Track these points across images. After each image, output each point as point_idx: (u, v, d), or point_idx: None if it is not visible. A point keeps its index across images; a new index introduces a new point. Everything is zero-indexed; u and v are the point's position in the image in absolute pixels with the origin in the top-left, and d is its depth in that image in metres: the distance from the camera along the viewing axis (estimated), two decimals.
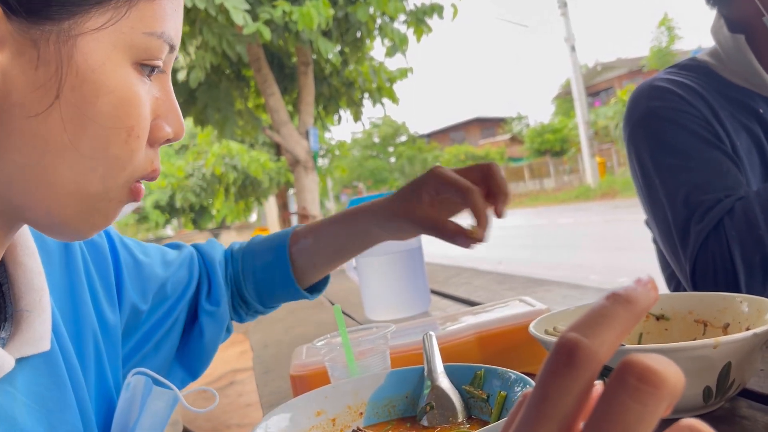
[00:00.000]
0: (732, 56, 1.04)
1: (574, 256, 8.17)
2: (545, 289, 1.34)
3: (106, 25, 0.43)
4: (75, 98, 0.43)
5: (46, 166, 0.43)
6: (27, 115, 0.42)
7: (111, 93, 0.44)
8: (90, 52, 0.43)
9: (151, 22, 0.45)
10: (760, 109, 1.01)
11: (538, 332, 0.66)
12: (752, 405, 0.61)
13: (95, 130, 0.44)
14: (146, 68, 0.47)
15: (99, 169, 0.45)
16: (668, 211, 0.97)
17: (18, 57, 0.41)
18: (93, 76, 0.43)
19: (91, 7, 0.42)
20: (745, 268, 0.89)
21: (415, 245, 1.33)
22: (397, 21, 5.74)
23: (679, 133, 0.99)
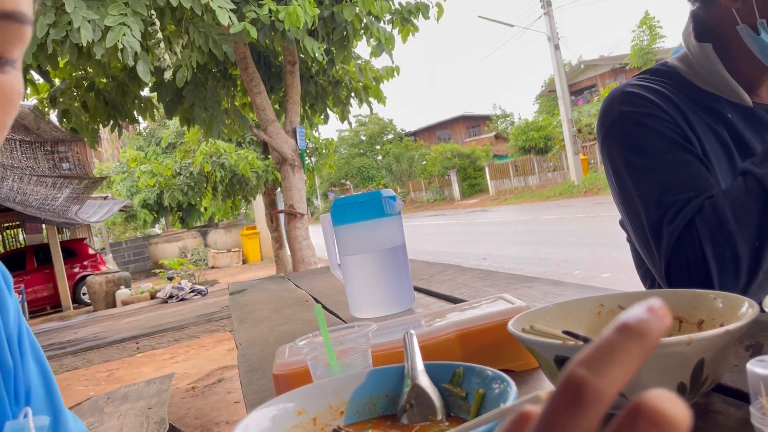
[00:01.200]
0: (700, 63, 1.07)
1: (559, 252, 8.23)
2: (527, 286, 1.36)
3: None
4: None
5: None
6: None
7: None
8: None
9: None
10: (728, 114, 1.04)
11: (516, 330, 0.67)
12: (726, 400, 0.62)
13: None
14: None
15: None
16: (642, 211, 0.99)
17: None
18: None
19: None
20: (717, 265, 0.90)
21: (399, 243, 1.33)
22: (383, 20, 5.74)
23: (650, 137, 1.01)
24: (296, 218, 5.83)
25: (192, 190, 12.18)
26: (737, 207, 0.90)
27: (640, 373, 0.58)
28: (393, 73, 6.48)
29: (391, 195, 1.33)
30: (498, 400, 0.56)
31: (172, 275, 11.62)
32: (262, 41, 4.94)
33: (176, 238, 15.97)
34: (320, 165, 10.24)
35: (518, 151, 29.28)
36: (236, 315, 1.73)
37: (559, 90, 20.29)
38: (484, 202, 26.40)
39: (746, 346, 0.75)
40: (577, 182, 20.40)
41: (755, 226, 0.89)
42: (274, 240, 10.69)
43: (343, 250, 1.35)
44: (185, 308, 8.87)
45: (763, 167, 0.90)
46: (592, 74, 29.63)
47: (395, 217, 1.33)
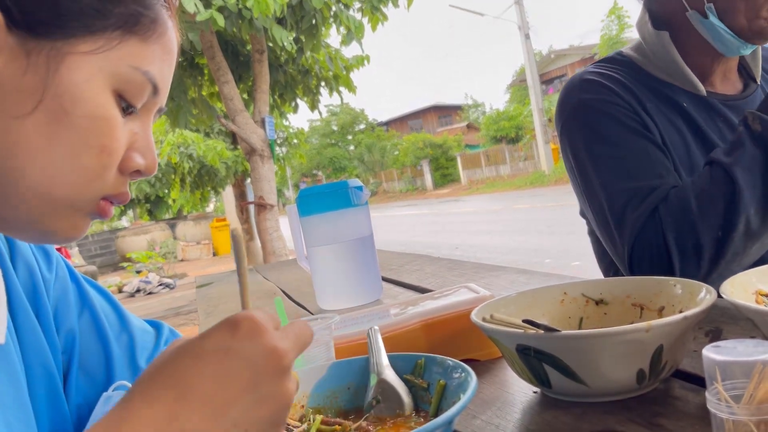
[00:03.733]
0: (656, 52, 1.08)
1: (530, 241, 8.32)
2: (494, 275, 1.36)
3: (95, 51, 0.47)
4: (55, 106, 0.46)
5: (19, 167, 0.46)
6: (9, 116, 0.45)
7: (88, 108, 0.47)
8: (76, 69, 0.47)
9: (138, 59, 0.50)
10: (684, 102, 1.05)
11: (478, 319, 0.66)
12: (685, 386, 0.63)
13: (69, 139, 0.47)
14: (124, 102, 0.50)
15: (68, 176, 0.48)
16: (603, 199, 1.00)
17: (10, 63, 0.45)
18: (75, 89, 0.47)
19: (86, 34, 0.47)
20: (679, 254, 0.91)
21: (366, 233, 1.32)
22: (352, 9, 5.69)
23: (610, 124, 1.02)
24: (266, 209, 5.78)
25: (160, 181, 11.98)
26: (702, 197, 0.91)
27: (600, 360, 0.58)
28: (363, 62, 6.44)
29: (357, 185, 1.32)
30: (458, 390, 0.55)
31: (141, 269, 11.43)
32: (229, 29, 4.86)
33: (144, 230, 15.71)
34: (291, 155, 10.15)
35: (490, 141, 29.49)
36: (202, 308, 1.71)
37: (529, 79, 20.44)
38: (456, 192, 26.53)
39: (706, 332, 0.76)
40: (548, 171, 20.62)
41: (719, 216, 0.89)
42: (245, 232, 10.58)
43: (309, 241, 1.33)
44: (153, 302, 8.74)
45: (731, 157, 0.90)
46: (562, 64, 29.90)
47: (362, 207, 1.32)
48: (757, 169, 0.89)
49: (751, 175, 0.89)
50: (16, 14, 0.45)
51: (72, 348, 0.64)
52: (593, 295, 0.77)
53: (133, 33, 0.49)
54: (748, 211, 0.89)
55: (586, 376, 0.59)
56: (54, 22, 0.46)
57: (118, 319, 0.70)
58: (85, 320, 0.66)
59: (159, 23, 0.51)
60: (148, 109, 0.53)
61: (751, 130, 0.90)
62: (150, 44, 0.51)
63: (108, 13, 0.48)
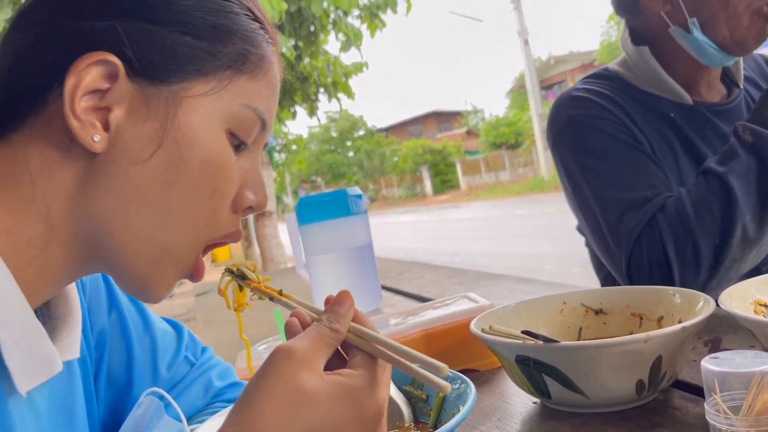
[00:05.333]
0: (639, 66, 1.10)
1: (529, 247, 8.31)
2: (494, 283, 1.36)
3: (209, 92, 0.48)
4: (172, 151, 0.47)
5: (133, 210, 0.47)
6: (129, 162, 0.46)
7: (204, 151, 0.48)
8: (192, 112, 0.48)
9: (249, 96, 0.51)
10: (671, 113, 1.06)
11: (477, 330, 0.66)
12: (684, 396, 0.63)
13: (184, 183, 0.48)
14: (236, 140, 0.51)
15: (180, 220, 0.49)
16: (598, 212, 1.00)
17: (132, 111, 0.46)
18: (191, 133, 0.48)
19: (200, 76, 0.48)
20: (678, 262, 0.91)
21: (366, 242, 1.33)
22: (351, 15, 5.71)
23: (600, 137, 1.03)
24: (264, 216, 5.79)
25: None
26: (699, 205, 0.92)
27: (599, 371, 0.58)
28: (362, 69, 6.46)
29: (357, 193, 1.32)
30: (458, 402, 0.55)
31: None
32: None
33: None
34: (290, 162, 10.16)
35: (489, 147, 29.51)
36: (201, 317, 1.71)
37: (529, 85, 20.48)
38: (455, 198, 26.54)
39: (705, 342, 0.76)
40: (548, 177, 20.62)
41: (717, 224, 0.90)
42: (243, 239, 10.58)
43: (308, 249, 1.33)
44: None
45: (725, 166, 0.91)
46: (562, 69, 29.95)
47: (361, 215, 1.32)
48: (752, 177, 0.90)
49: (746, 183, 0.90)
50: (135, 62, 0.46)
51: (103, 348, 0.64)
52: (592, 305, 0.77)
53: (243, 71, 0.50)
54: (745, 219, 0.89)
55: (585, 386, 0.59)
56: (170, 67, 0.47)
57: (142, 320, 0.70)
58: (113, 319, 0.66)
59: (266, 59, 0.52)
60: (256, 145, 0.54)
61: (743, 141, 0.92)
62: (258, 81, 0.51)
63: (218, 54, 0.49)
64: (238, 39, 0.50)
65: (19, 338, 0.44)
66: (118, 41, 0.46)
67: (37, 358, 0.46)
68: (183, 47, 0.47)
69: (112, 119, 0.46)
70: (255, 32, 0.52)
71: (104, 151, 0.46)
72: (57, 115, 0.45)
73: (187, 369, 0.72)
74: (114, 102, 0.46)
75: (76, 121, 0.45)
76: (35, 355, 0.46)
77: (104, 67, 0.45)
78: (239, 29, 0.50)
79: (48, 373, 0.47)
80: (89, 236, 0.48)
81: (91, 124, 0.45)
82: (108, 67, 0.45)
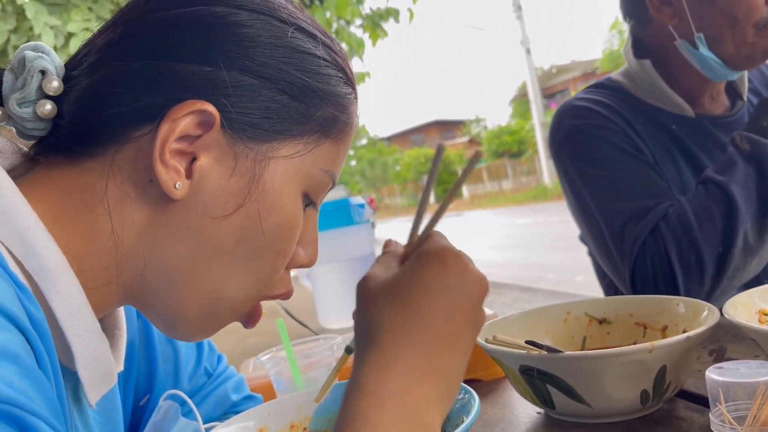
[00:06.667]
0: (641, 78, 1.10)
1: (532, 256, 8.30)
2: (497, 292, 1.36)
3: (294, 155, 0.48)
4: (252, 212, 0.47)
5: (201, 263, 0.47)
6: (208, 215, 0.46)
7: (281, 214, 0.48)
8: (277, 174, 0.47)
9: (328, 160, 0.51)
10: (672, 125, 1.06)
11: (481, 340, 0.66)
12: (689, 406, 0.62)
13: (257, 243, 0.48)
14: (307, 200, 0.51)
15: (244, 277, 0.49)
16: (601, 221, 1.00)
17: (218, 163, 0.46)
18: (273, 195, 0.47)
19: (288, 138, 0.48)
20: (682, 271, 0.91)
21: (368, 251, 1.32)
22: (353, 25, 5.73)
23: (602, 147, 1.03)
24: None
25: None
26: (701, 214, 0.92)
27: (603, 381, 0.58)
28: (364, 78, 6.47)
29: (359, 203, 1.32)
30: (461, 412, 0.55)
31: None
32: None
33: None
34: None
35: (492, 156, 29.52)
36: None
37: (531, 94, 20.51)
38: (458, 207, 26.53)
39: (709, 351, 0.76)
40: (551, 186, 20.61)
41: (719, 232, 0.90)
42: None
43: None
44: None
45: (725, 175, 0.92)
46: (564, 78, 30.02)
47: (364, 225, 1.32)
48: (751, 186, 0.91)
49: (746, 192, 0.90)
50: (232, 115, 0.45)
51: (131, 359, 0.64)
52: (596, 314, 0.77)
53: (328, 136, 0.50)
54: (746, 227, 0.90)
55: (589, 397, 0.59)
56: (263, 125, 0.46)
57: None
58: (140, 329, 0.66)
59: (349, 125, 0.52)
60: (319, 202, 0.54)
61: (741, 150, 0.92)
62: (339, 145, 0.51)
63: (310, 117, 0.48)
64: (330, 104, 0.50)
65: (89, 349, 0.44)
66: (220, 90, 0.45)
67: (102, 370, 0.46)
68: (279, 106, 0.47)
69: (197, 168, 0.45)
70: (346, 98, 0.51)
71: (183, 199, 0.45)
72: (143, 152, 0.45)
73: (205, 380, 0.72)
74: (202, 151, 0.45)
75: (162, 165, 0.44)
76: (101, 367, 0.45)
77: (201, 115, 0.44)
78: (333, 94, 0.50)
79: (108, 385, 0.47)
80: (150, 279, 0.47)
81: (176, 171, 0.44)
82: (204, 116, 0.44)
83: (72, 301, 0.43)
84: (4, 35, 3.60)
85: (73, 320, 0.43)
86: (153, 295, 0.49)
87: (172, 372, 0.68)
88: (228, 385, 0.72)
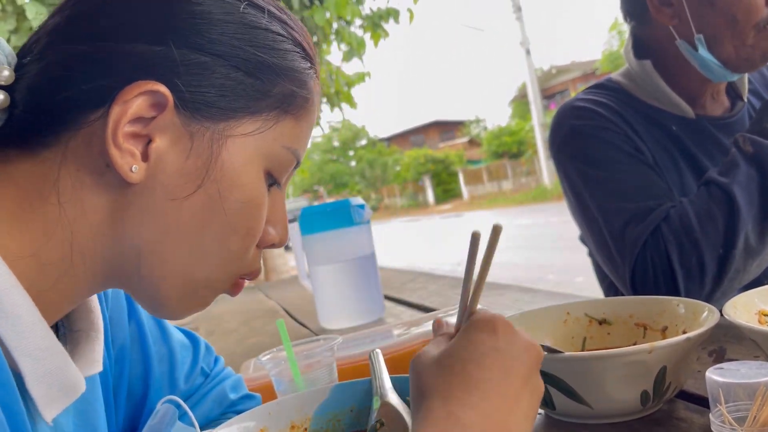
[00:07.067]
0: (642, 79, 1.10)
1: (533, 257, 8.30)
2: (498, 293, 1.36)
3: (254, 132, 0.48)
4: (212, 191, 0.46)
5: (168, 246, 0.47)
6: (167, 197, 0.45)
7: (243, 192, 0.47)
8: (235, 153, 0.47)
9: (290, 138, 0.50)
10: (672, 126, 1.06)
11: None
12: (689, 407, 0.62)
13: (221, 223, 0.47)
14: (271, 179, 0.50)
15: (213, 259, 0.48)
16: (601, 222, 1.00)
17: (174, 144, 0.45)
18: (233, 174, 0.47)
19: (246, 116, 0.47)
20: (683, 272, 0.91)
21: (368, 252, 1.33)
22: (353, 25, 5.73)
23: (602, 148, 1.03)
24: None
25: None
26: (702, 216, 0.92)
27: (603, 381, 0.58)
28: (364, 78, 6.47)
29: (359, 204, 1.32)
30: None
31: None
32: None
33: None
34: None
35: (492, 156, 29.53)
36: (204, 327, 1.71)
37: (530, 94, 20.51)
38: (458, 208, 26.52)
39: (709, 352, 0.76)
40: (551, 186, 20.61)
41: (720, 234, 0.90)
42: None
43: (311, 259, 1.34)
44: None
45: (728, 177, 0.91)
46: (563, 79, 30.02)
47: (364, 225, 1.32)
48: (753, 188, 0.90)
49: (748, 194, 0.90)
50: (186, 95, 0.44)
51: (123, 361, 0.64)
52: (596, 315, 0.77)
53: (288, 113, 0.49)
54: (747, 229, 0.90)
55: (589, 397, 0.59)
56: (220, 103, 0.45)
57: (160, 332, 0.69)
58: (132, 330, 0.65)
59: (310, 101, 0.51)
60: (286, 181, 0.53)
61: (743, 152, 0.92)
62: (301, 122, 0.51)
63: (267, 94, 0.48)
64: (288, 79, 0.49)
65: (42, 367, 0.43)
66: (171, 70, 0.44)
67: (60, 384, 0.45)
68: (234, 83, 0.46)
69: (153, 150, 0.44)
70: (304, 72, 0.51)
71: (141, 182, 0.44)
72: (96, 137, 0.44)
73: (202, 380, 0.72)
74: (157, 132, 0.44)
75: (116, 149, 0.43)
76: (59, 381, 0.45)
77: (153, 96, 0.43)
78: (290, 69, 0.49)
79: (72, 397, 0.46)
80: (119, 264, 0.47)
81: (131, 153, 0.44)
82: (157, 97, 0.44)
83: (19, 321, 0.41)
84: (5, 35, 3.60)
85: (21, 340, 0.42)
86: (129, 279, 0.48)
87: (168, 373, 0.68)
88: (226, 385, 0.72)
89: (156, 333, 0.68)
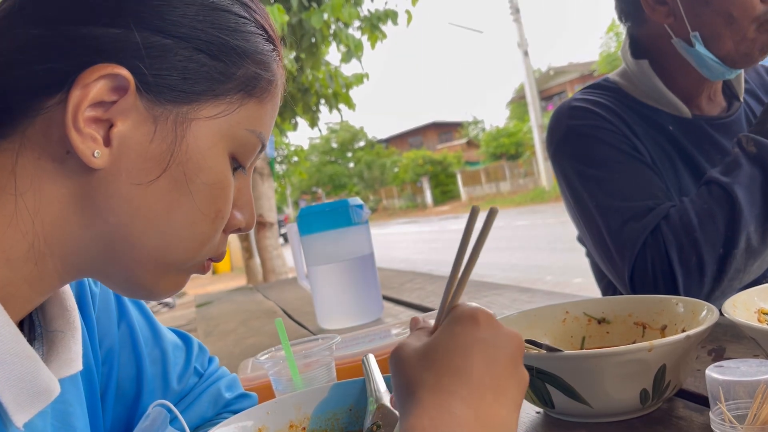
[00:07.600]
0: (639, 78, 1.10)
1: (531, 258, 8.30)
2: (496, 293, 1.36)
3: (218, 115, 0.47)
4: (178, 174, 0.46)
5: (136, 231, 0.46)
6: (132, 182, 0.45)
7: (210, 175, 0.47)
8: (200, 136, 0.47)
9: (254, 121, 0.50)
10: (669, 126, 1.06)
11: None
12: (688, 405, 0.62)
13: (188, 206, 0.47)
14: (235, 163, 0.50)
15: (184, 242, 0.48)
16: (600, 221, 1.00)
17: (137, 128, 0.44)
18: (198, 157, 0.47)
19: (210, 99, 0.47)
20: (682, 271, 0.91)
21: (367, 252, 1.32)
22: (351, 27, 5.73)
23: (600, 148, 1.03)
24: (266, 227, 5.78)
25: None
26: (703, 215, 0.91)
27: (603, 380, 0.58)
28: (362, 80, 6.48)
29: (358, 203, 1.32)
30: None
31: None
32: None
33: None
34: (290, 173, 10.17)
35: (490, 158, 29.56)
36: (202, 328, 1.70)
37: (528, 96, 20.53)
38: (456, 209, 26.53)
39: (709, 351, 0.76)
40: (548, 188, 20.62)
41: (721, 234, 0.90)
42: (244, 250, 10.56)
43: (310, 259, 1.33)
44: None
45: (730, 176, 0.91)
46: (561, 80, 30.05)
47: (362, 225, 1.32)
48: (755, 188, 0.90)
49: (750, 194, 0.90)
50: (148, 78, 0.44)
51: (112, 362, 0.63)
52: (595, 314, 0.77)
53: (252, 95, 0.49)
54: (749, 229, 0.89)
55: (589, 396, 0.59)
56: (182, 86, 0.45)
57: (152, 332, 0.69)
58: (123, 332, 0.65)
59: (274, 83, 0.51)
60: (251, 166, 0.53)
61: (746, 152, 0.92)
62: (265, 105, 0.51)
63: (231, 76, 0.47)
64: (251, 62, 0.49)
65: (11, 372, 0.42)
66: (132, 53, 0.43)
67: (31, 389, 0.44)
68: (197, 66, 0.45)
69: (115, 134, 0.44)
70: (268, 55, 0.50)
71: (104, 168, 0.44)
72: (56, 123, 0.43)
73: (196, 380, 0.71)
74: (119, 116, 0.44)
75: (77, 134, 0.42)
76: (29, 386, 0.44)
77: (114, 80, 0.43)
78: (253, 51, 0.49)
79: (44, 402, 0.45)
80: (89, 251, 0.47)
81: (92, 138, 0.43)
82: (117, 81, 0.43)
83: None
84: None
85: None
86: (101, 265, 0.48)
87: (160, 374, 0.67)
88: (221, 384, 0.72)
89: (148, 334, 0.68)
